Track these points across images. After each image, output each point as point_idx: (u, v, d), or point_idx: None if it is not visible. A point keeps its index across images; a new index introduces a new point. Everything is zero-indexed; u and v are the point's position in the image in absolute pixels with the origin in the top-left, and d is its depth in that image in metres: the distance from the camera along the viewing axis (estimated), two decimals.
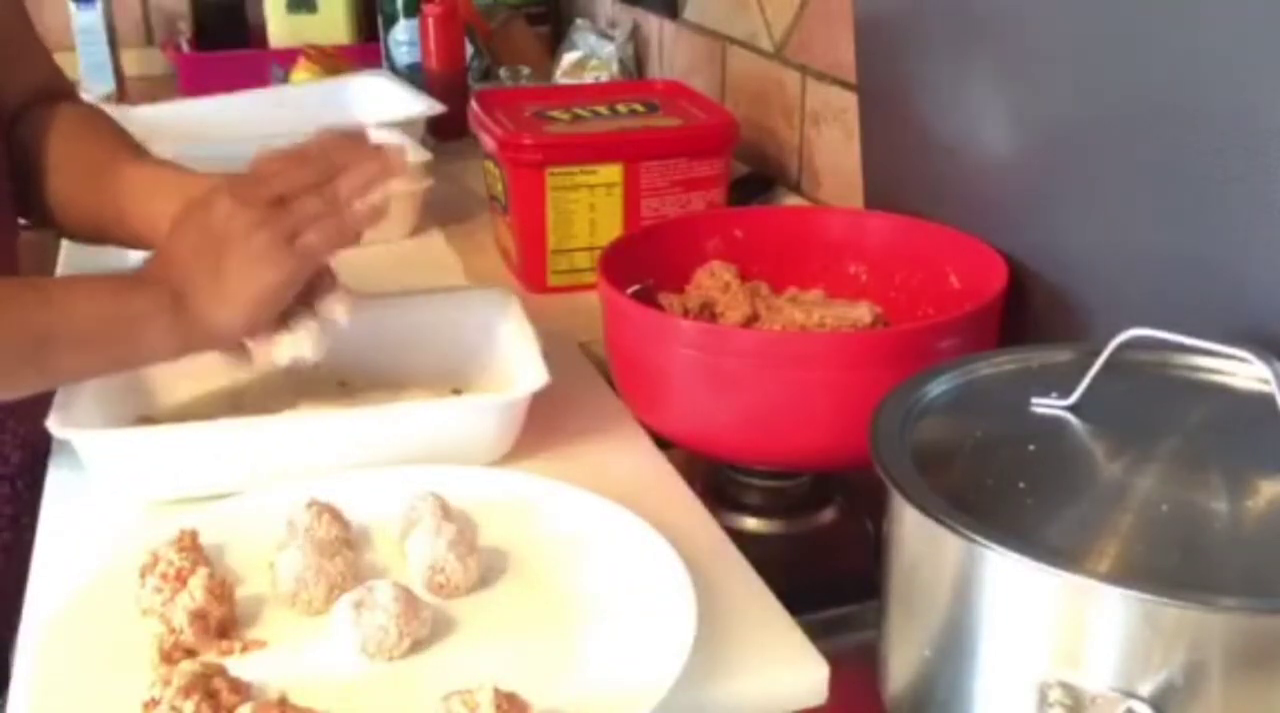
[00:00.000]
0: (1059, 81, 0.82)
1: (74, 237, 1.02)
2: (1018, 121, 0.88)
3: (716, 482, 0.90)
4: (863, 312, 0.91)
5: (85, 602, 0.69)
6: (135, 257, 1.00)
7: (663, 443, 0.89)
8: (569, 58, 1.84)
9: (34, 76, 1.03)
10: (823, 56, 1.32)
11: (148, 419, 0.87)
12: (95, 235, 0.97)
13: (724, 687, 0.65)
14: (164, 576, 0.68)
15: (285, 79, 1.87)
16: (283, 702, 0.60)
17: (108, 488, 0.81)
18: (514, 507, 0.77)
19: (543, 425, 0.86)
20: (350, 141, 0.84)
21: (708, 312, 0.96)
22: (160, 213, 0.87)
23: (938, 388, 0.65)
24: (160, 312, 0.79)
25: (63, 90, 1.06)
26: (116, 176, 0.93)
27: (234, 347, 0.83)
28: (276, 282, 0.79)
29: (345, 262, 0.86)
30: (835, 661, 0.66)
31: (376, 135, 0.87)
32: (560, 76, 1.84)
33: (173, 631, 0.65)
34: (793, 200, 1.40)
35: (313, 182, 0.81)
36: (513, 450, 0.85)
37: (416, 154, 1.35)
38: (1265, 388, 0.58)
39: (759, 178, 1.43)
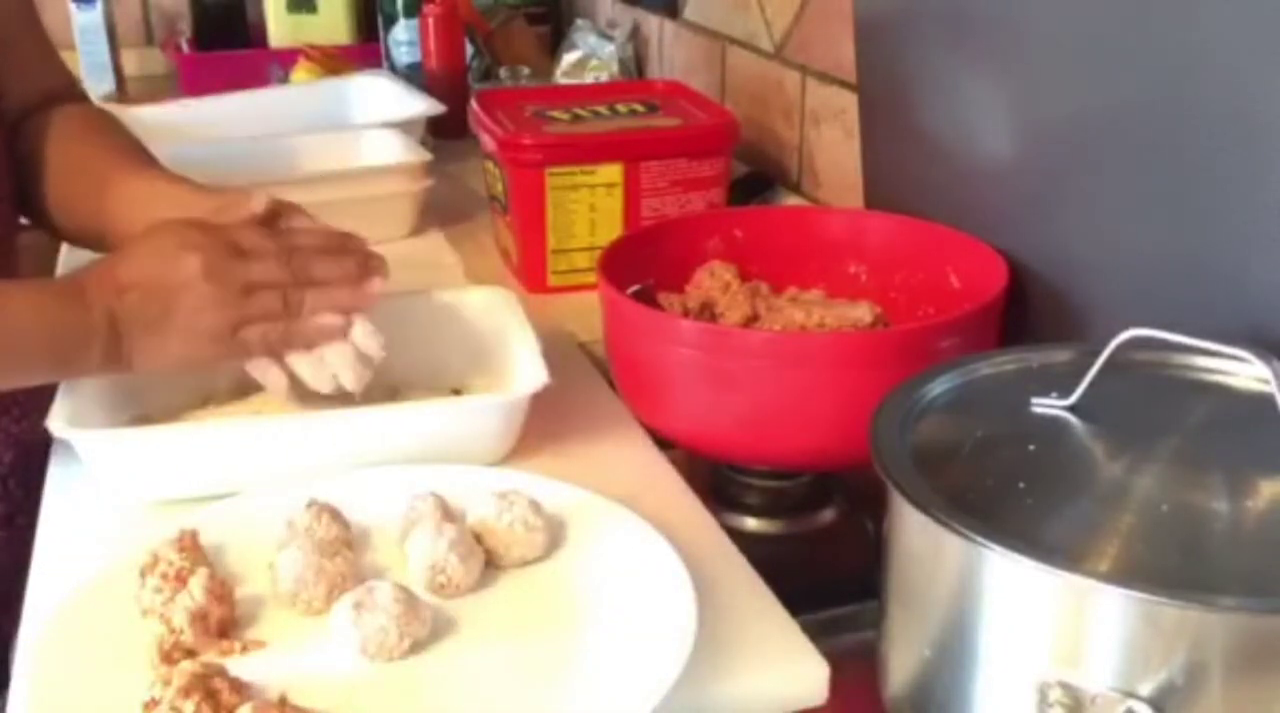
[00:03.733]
0: (1059, 81, 0.82)
1: (72, 241, 1.01)
2: (1018, 121, 0.87)
3: (716, 482, 0.90)
4: (863, 312, 0.91)
5: (85, 602, 0.69)
6: None
7: (663, 443, 0.89)
8: (569, 58, 1.84)
9: (41, 79, 1.02)
10: (823, 56, 1.32)
11: (147, 419, 0.87)
12: (93, 242, 0.96)
13: (724, 687, 0.65)
14: (164, 576, 0.68)
15: (285, 79, 1.87)
16: (283, 702, 0.60)
17: (108, 488, 0.81)
18: None
19: (543, 425, 0.86)
20: (342, 248, 0.85)
21: (708, 312, 0.96)
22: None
23: (938, 388, 0.65)
24: (96, 338, 0.78)
25: (73, 94, 1.05)
26: (116, 185, 0.93)
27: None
28: (203, 359, 0.82)
29: None
30: (835, 661, 0.66)
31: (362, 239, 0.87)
32: (560, 76, 1.84)
33: (173, 631, 0.65)
34: (793, 200, 1.39)
35: (286, 281, 0.81)
36: (513, 450, 0.85)
37: (416, 154, 1.35)
38: (1265, 388, 0.58)
39: (759, 178, 1.42)
